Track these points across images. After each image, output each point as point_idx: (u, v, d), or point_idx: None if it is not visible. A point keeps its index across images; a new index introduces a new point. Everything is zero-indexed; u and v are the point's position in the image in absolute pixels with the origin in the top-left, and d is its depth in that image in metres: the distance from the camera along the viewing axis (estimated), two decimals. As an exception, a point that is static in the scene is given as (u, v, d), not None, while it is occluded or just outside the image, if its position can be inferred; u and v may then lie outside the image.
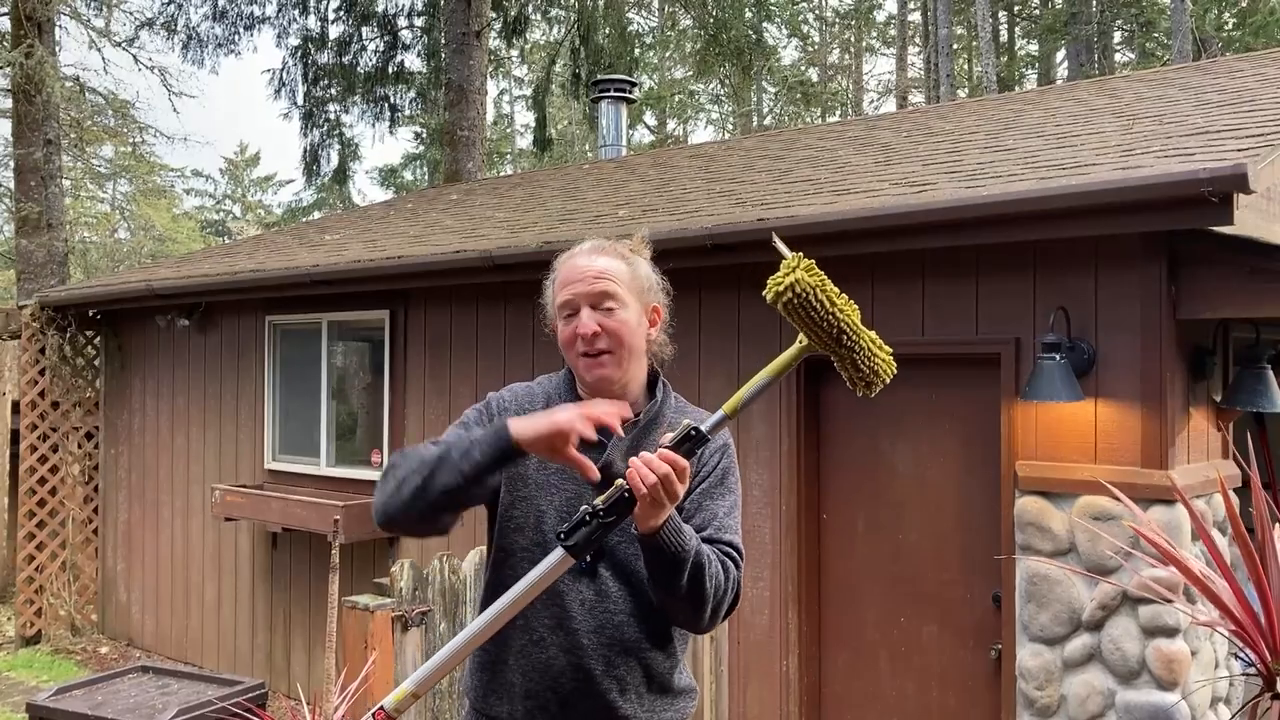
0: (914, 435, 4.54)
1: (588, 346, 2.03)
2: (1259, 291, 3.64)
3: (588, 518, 1.77)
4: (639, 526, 1.82)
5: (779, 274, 1.74)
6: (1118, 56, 22.50)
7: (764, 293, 1.75)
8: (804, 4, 26.61)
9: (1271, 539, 2.22)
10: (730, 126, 28.53)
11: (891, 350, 1.83)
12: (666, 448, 1.77)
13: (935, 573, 4.48)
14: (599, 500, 1.79)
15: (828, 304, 1.75)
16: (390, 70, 14.68)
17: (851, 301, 1.79)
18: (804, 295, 1.73)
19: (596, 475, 1.87)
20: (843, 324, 1.76)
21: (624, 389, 2.09)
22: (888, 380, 1.83)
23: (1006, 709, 4.12)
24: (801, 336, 1.78)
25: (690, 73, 25.74)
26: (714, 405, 2.05)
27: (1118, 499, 2.87)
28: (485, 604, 2.10)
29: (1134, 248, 3.84)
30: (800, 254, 1.75)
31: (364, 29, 14.65)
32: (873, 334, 1.81)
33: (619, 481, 1.78)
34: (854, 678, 4.72)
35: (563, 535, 1.78)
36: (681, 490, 1.78)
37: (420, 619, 3.90)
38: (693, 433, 1.79)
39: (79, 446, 8.66)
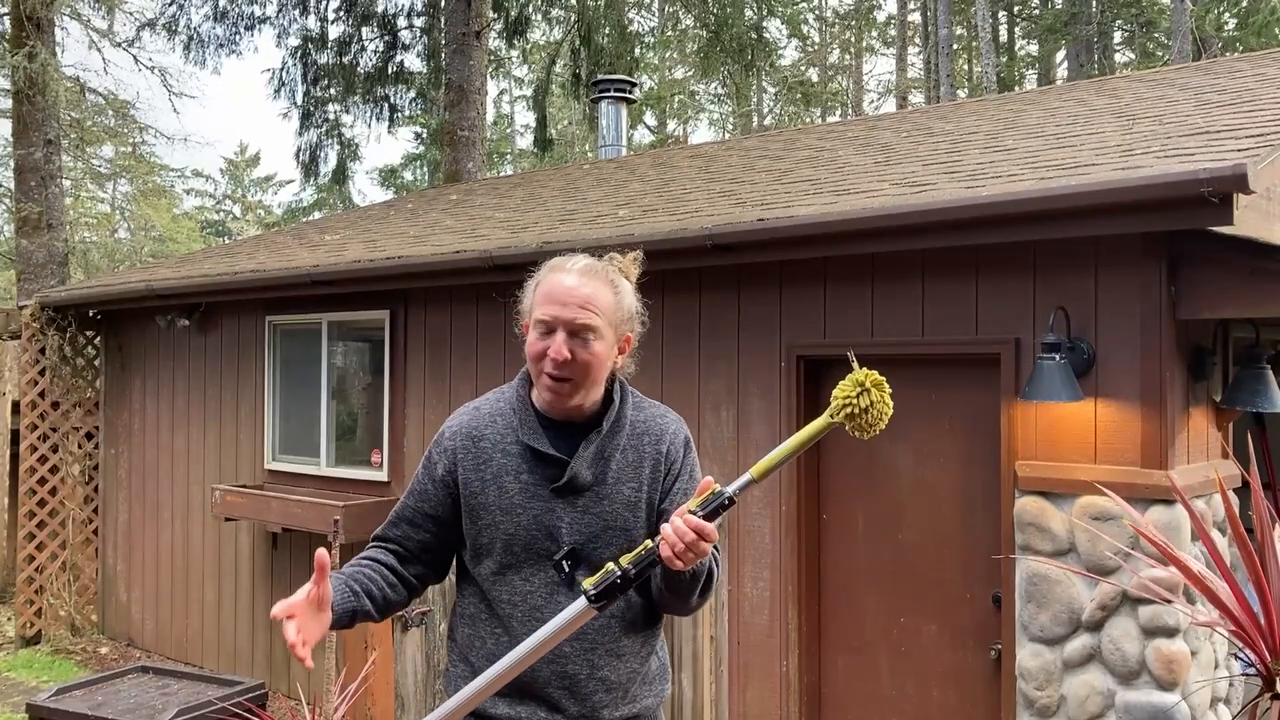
0: (914, 435, 4.54)
1: (555, 370, 2.06)
2: (1259, 291, 3.64)
3: (618, 580, 1.86)
4: (671, 567, 1.91)
5: (850, 390, 1.85)
6: (1118, 56, 22.49)
7: (835, 408, 1.86)
8: (804, 4, 26.60)
9: (1271, 539, 2.22)
10: (730, 126, 28.53)
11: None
12: (694, 513, 1.84)
13: (935, 573, 4.47)
14: (627, 561, 1.88)
15: (882, 408, 1.86)
16: (390, 70, 14.67)
17: (888, 392, 1.89)
18: (867, 409, 1.86)
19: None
20: (883, 419, 1.87)
21: (578, 408, 2.13)
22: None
23: (1006, 709, 4.12)
24: (831, 414, 1.88)
25: (691, 73, 25.74)
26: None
27: (1114, 500, 2.87)
28: (455, 626, 2.22)
29: (1134, 248, 3.84)
30: (870, 370, 1.86)
31: (364, 29, 14.64)
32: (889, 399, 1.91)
33: (647, 543, 1.89)
34: (854, 678, 4.72)
35: (593, 598, 1.86)
36: (709, 550, 1.86)
37: (420, 619, 3.90)
38: (727, 502, 1.86)
39: (79, 446, 8.66)
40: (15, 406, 8.85)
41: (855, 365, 1.89)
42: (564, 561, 2.07)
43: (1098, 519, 3.81)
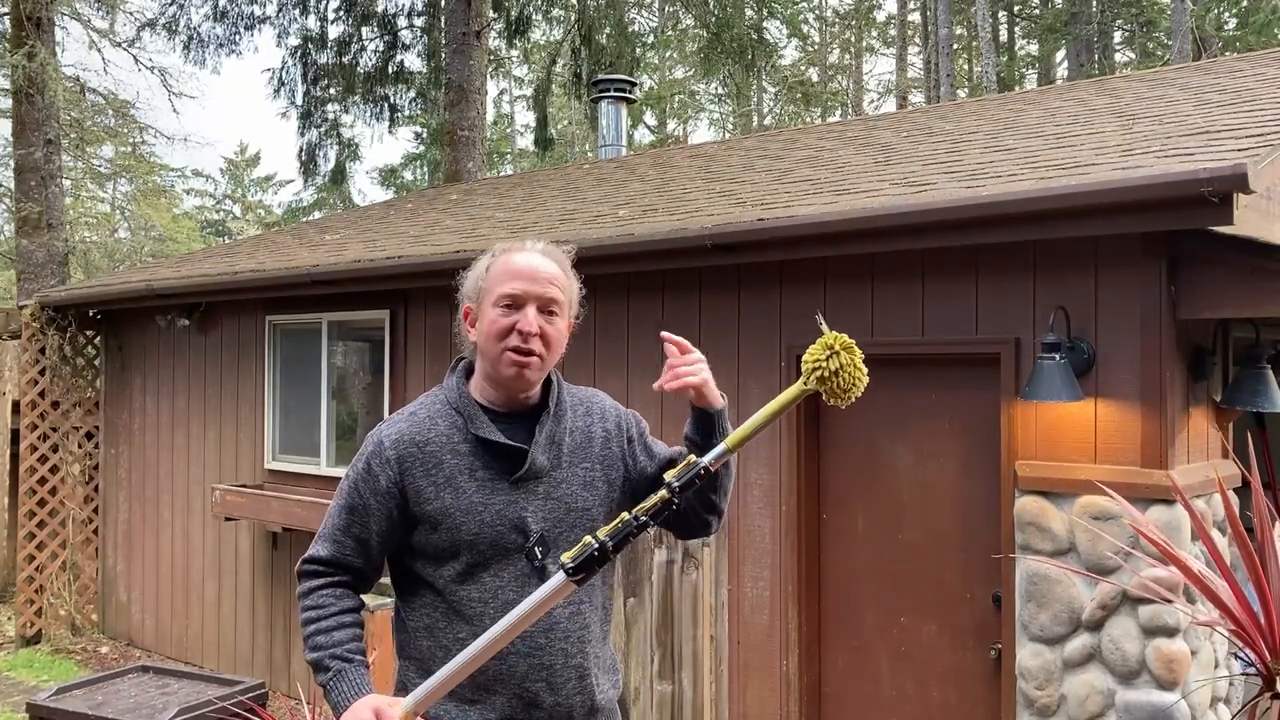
0: (914, 435, 4.54)
1: (523, 343, 2.05)
2: (1259, 291, 3.64)
3: (596, 552, 1.86)
4: (712, 406, 2.08)
5: (819, 353, 1.87)
6: (1118, 56, 22.50)
7: (806, 373, 1.88)
8: (804, 4, 26.61)
9: (1271, 539, 2.23)
10: (730, 126, 28.54)
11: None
12: (670, 484, 1.88)
13: (935, 573, 4.48)
14: (604, 534, 1.88)
15: (854, 371, 1.88)
16: (390, 70, 14.68)
17: (860, 356, 1.90)
18: (837, 371, 1.87)
19: None
20: (857, 384, 1.89)
21: (528, 396, 2.13)
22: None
23: (1006, 709, 4.12)
24: (805, 381, 1.89)
25: (691, 72, 25.76)
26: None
27: (1114, 499, 2.87)
28: (406, 644, 2.14)
29: (1134, 248, 3.84)
30: (839, 334, 1.87)
31: (364, 29, 14.65)
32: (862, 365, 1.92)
33: (624, 516, 1.89)
34: (854, 677, 4.73)
35: (571, 571, 1.86)
36: (703, 370, 2.05)
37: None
38: (703, 472, 1.90)
39: (79, 446, 8.66)
40: (15, 406, 8.85)
41: (824, 329, 1.89)
42: (536, 549, 2.06)
43: (1098, 518, 3.81)
